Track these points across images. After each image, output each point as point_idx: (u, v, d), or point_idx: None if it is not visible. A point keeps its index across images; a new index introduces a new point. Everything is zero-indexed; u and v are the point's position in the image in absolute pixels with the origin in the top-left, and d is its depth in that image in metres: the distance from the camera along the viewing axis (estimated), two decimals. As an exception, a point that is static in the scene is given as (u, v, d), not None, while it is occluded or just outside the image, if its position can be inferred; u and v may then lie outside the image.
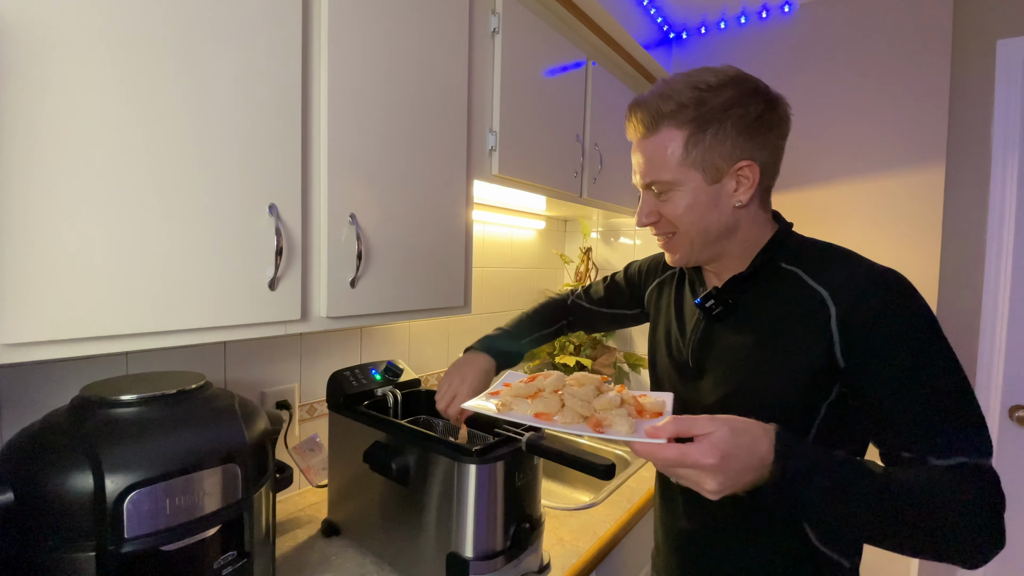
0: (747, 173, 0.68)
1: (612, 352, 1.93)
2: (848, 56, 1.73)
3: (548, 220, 2.12)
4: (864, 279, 0.63)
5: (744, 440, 0.52)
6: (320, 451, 1.22)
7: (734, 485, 0.52)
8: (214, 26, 0.70)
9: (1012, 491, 1.60)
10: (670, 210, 0.71)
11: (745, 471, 0.52)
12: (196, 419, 0.66)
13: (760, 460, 0.53)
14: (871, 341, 0.60)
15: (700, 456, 0.50)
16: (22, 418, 0.81)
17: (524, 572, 0.88)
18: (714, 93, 0.66)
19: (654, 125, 0.69)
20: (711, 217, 0.70)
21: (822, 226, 1.78)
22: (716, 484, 0.51)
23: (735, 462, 0.51)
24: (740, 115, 0.66)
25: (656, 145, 0.69)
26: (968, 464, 0.56)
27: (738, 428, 0.53)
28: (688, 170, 0.68)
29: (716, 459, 0.50)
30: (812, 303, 0.65)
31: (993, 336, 1.60)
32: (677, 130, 0.67)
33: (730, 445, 0.51)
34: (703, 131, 0.66)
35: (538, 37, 1.35)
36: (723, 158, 0.67)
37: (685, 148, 0.67)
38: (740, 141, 0.67)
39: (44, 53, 0.56)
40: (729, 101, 0.66)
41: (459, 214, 1.14)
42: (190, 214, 0.69)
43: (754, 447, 0.53)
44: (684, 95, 0.67)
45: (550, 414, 0.60)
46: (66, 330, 0.59)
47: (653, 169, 0.70)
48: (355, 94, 0.89)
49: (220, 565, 0.65)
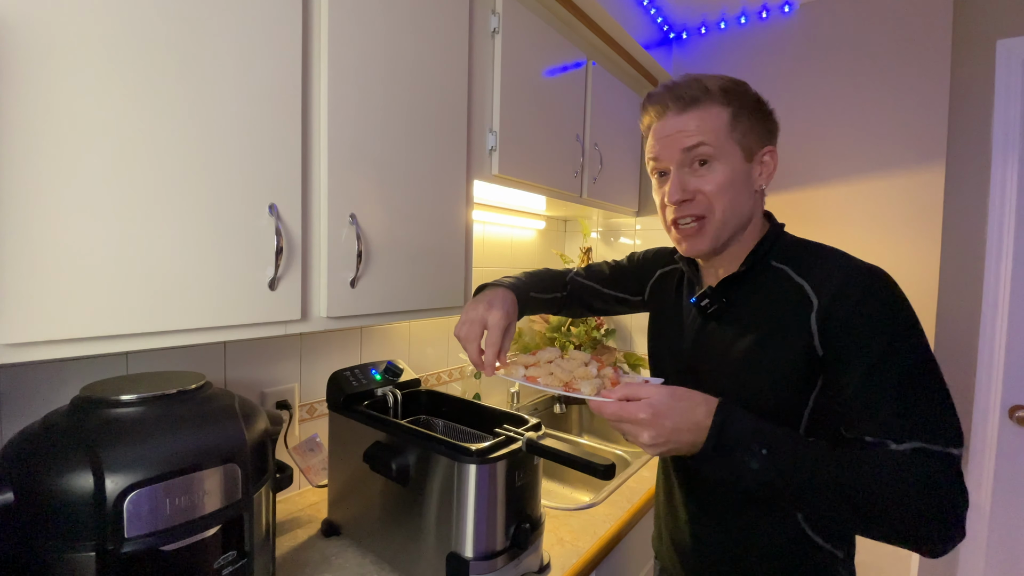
0: (769, 160, 0.74)
1: (612, 352, 1.93)
2: (848, 56, 1.73)
3: (548, 220, 2.12)
4: (845, 274, 0.66)
5: (681, 403, 0.61)
6: (320, 451, 1.22)
7: (668, 441, 0.60)
8: (214, 26, 0.70)
9: (1012, 491, 1.60)
10: (711, 184, 0.71)
11: (679, 431, 0.60)
12: (196, 419, 0.66)
13: (695, 424, 0.60)
14: (846, 331, 0.64)
15: (636, 411, 0.60)
16: (22, 418, 0.81)
17: (524, 572, 0.88)
18: (740, 86, 0.73)
19: (696, 101, 0.72)
20: (742, 198, 0.73)
21: (822, 226, 1.78)
22: (648, 437, 0.60)
23: (667, 420, 0.59)
24: (762, 109, 0.74)
25: (702, 117, 0.71)
26: (924, 449, 0.58)
27: (677, 393, 0.61)
28: (732, 144, 0.71)
29: (648, 415, 0.59)
30: (797, 298, 0.69)
31: (993, 336, 1.60)
32: (723, 107, 0.71)
33: (664, 405, 0.60)
34: (742, 112, 0.72)
35: (538, 37, 1.35)
36: (755, 142, 0.73)
37: (731, 123, 0.71)
38: (764, 130, 0.74)
39: (44, 53, 0.56)
40: (754, 95, 0.74)
41: (459, 214, 1.14)
42: (190, 214, 0.69)
43: (690, 411, 0.60)
44: (720, 82, 0.72)
45: (536, 377, 0.73)
46: (66, 330, 0.59)
47: (703, 134, 0.71)
48: (355, 94, 0.89)
49: (220, 565, 0.65)
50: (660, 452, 0.61)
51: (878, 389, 0.61)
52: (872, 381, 0.61)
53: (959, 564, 1.66)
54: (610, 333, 2.03)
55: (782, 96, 1.82)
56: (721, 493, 0.78)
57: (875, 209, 1.70)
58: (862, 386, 0.62)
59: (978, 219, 1.62)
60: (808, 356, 0.66)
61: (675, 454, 0.62)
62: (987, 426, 1.61)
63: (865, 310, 0.63)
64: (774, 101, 0.77)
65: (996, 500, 1.62)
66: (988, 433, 1.61)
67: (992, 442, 1.61)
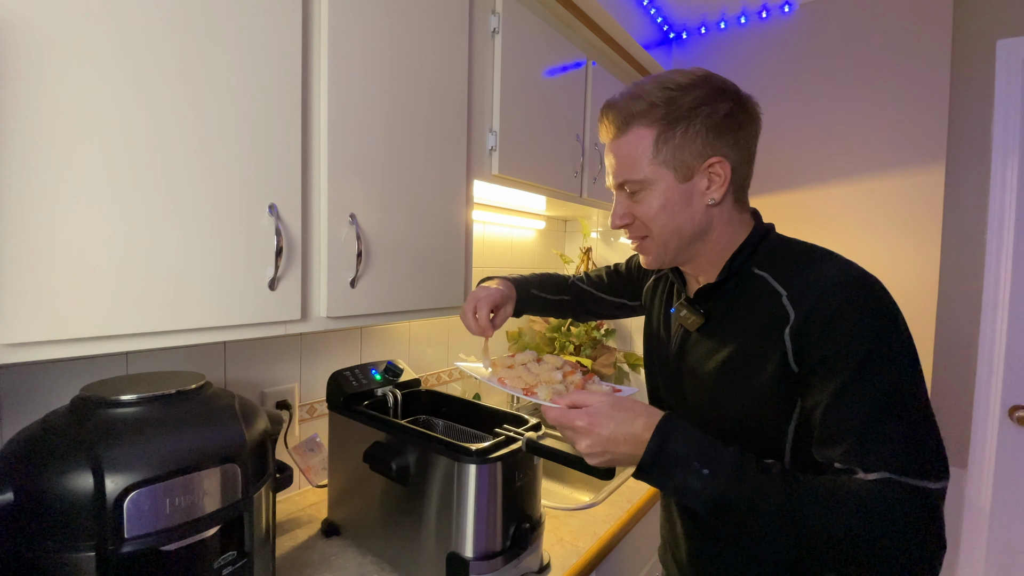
0: (718, 170, 0.68)
1: (612, 352, 1.93)
2: (848, 56, 1.73)
3: (548, 220, 2.12)
4: (825, 285, 0.61)
5: (620, 414, 0.60)
6: (320, 451, 1.22)
7: (605, 452, 0.60)
8: (215, 26, 0.70)
9: (1012, 491, 1.60)
10: (643, 211, 0.70)
11: (615, 441, 0.59)
12: (196, 419, 0.66)
13: (632, 435, 0.59)
14: (819, 346, 0.59)
15: (573, 418, 0.61)
16: (22, 418, 0.81)
17: (524, 572, 0.88)
18: (683, 92, 0.67)
19: (625, 125, 0.69)
20: (684, 217, 0.69)
21: (822, 226, 1.78)
22: (584, 445, 0.60)
23: (603, 429, 0.59)
24: (709, 113, 0.66)
25: (627, 144, 0.69)
26: (892, 481, 0.52)
27: (619, 403, 0.61)
28: (659, 168, 0.68)
29: (585, 423, 0.60)
30: (774, 311, 0.64)
31: (993, 336, 1.60)
32: (647, 129, 0.68)
33: (602, 415, 0.60)
34: (672, 129, 0.67)
35: (538, 37, 1.35)
36: (693, 156, 0.67)
37: (655, 146, 0.67)
38: (710, 139, 0.67)
39: (45, 52, 0.56)
40: (698, 99, 0.66)
41: (459, 214, 1.14)
42: (190, 214, 0.69)
43: (628, 422, 0.60)
44: (654, 95, 0.67)
45: (504, 379, 0.77)
46: (66, 330, 0.59)
47: (625, 168, 0.70)
48: (355, 94, 0.89)
49: (220, 565, 0.65)
50: (598, 462, 0.62)
51: (848, 411, 0.56)
52: (842, 402, 0.56)
53: (959, 564, 1.66)
54: (610, 333, 2.03)
55: (782, 96, 1.82)
56: None
57: (875, 209, 1.70)
58: (832, 407, 0.57)
59: (978, 219, 1.62)
60: (784, 372, 0.62)
61: (615, 465, 0.63)
62: (987, 426, 1.61)
63: (839, 324, 0.58)
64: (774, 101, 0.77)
65: (996, 500, 1.62)
66: (988, 433, 1.61)
67: (992, 442, 1.61)
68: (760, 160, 0.76)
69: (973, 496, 1.63)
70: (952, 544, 1.67)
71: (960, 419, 1.65)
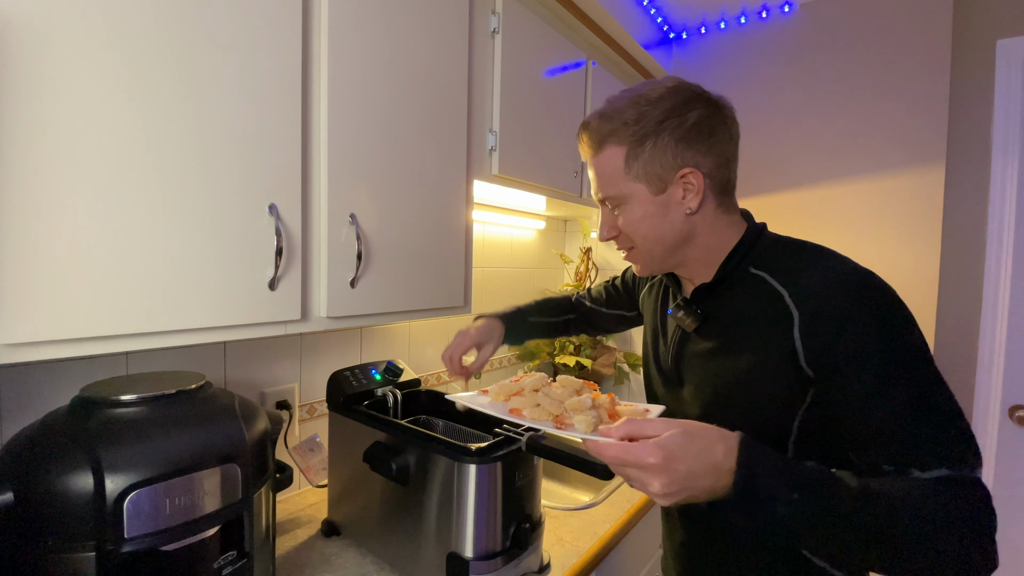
0: (691, 180, 0.68)
1: (612, 352, 1.93)
2: (848, 56, 1.73)
3: (548, 220, 2.12)
4: (828, 283, 0.61)
5: (696, 444, 0.51)
6: (320, 451, 1.22)
7: (683, 490, 0.50)
8: (215, 26, 0.70)
9: (1012, 491, 1.60)
10: (625, 223, 0.73)
11: (696, 476, 0.50)
12: (196, 419, 0.65)
13: (713, 466, 0.50)
14: (836, 350, 0.58)
15: (643, 454, 0.49)
16: (22, 418, 0.81)
17: (524, 572, 0.88)
18: (652, 106, 0.68)
19: (598, 145, 0.72)
20: (664, 227, 0.71)
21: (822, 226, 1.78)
22: (660, 485, 0.49)
23: (681, 464, 0.49)
24: (676, 125, 0.67)
25: (602, 163, 0.72)
26: (953, 477, 0.53)
27: (691, 431, 0.51)
28: (632, 183, 0.70)
29: (659, 459, 0.49)
30: (777, 310, 0.64)
31: (993, 336, 1.60)
32: (618, 147, 0.69)
33: (677, 446, 0.50)
34: (641, 145, 0.68)
35: (538, 37, 1.35)
36: (664, 168, 0.68)
37: (626, 163, 0.69)
38: (680, 150, 0.67)
39: (44, 51, 0.56)
40: (665, 112, 0.67)
41: (459, 214, 1.14)
42: (190, 214, 0.69)
43: (706, 451, 0.51)
44: (625, 113, 0.69)
45: (521, 409, 0.66)
46: (66, 330, 0.59)
47: (602, 185, 0.73)
48: (355, 94, 0.89)
49: (220, 565, 0.65)
50: (673, 502, 0.51)
51: (887, 413, 0.55)
52: (877, 405, 0.56)
53: (959, 564, 1.66)
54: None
55: (782, 95, 1.82)
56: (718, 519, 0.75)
57: (875, 209, 1.70)
58: (867, 411, 0.56)
59: (978, 219, 1.62)
60: (795, 373, 0.62)
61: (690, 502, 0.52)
62: (987, 426, 1.61)
63: (855, 326, 0.57)
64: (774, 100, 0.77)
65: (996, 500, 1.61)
66: (988, 433, 1.61)
67: (992, 442, 1.61)
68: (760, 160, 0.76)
69: (973, 496, 1.63)
70: (952, 544, 1.67)
71: (960, 419, 1.65)
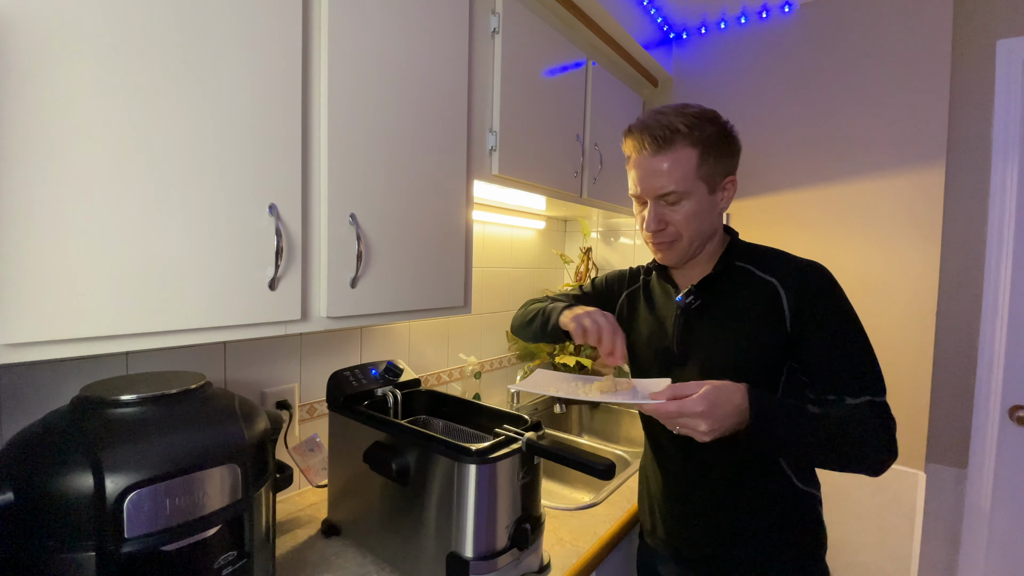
0: (730, 187, 0.88)
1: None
2: (848, 56, 1.73)
3: (548, 220, 2.12)
4: (800, 269, 0.85)
5: (723, 394, 0.71)
6: (320, 451, 1.22)
7: (720, 428, 0.70)
8: (215, 26, 0.70)
9: (1012, 491, 1.60)
10: (679, 217, 0.85)
11: (727, 416, 0.71)
12: (196, 419, 0.65)
13: (736, 408, 0.71)
14: (810, 314, 0.81)
15: (694, 406, 0.69)
16: (22, 418, 0.81)
17: (524, 572, 0.88)
18: (707, 123, 0.83)
19: (667, 143, 0.82)
20: (708, 223, 0.87)
21: (822, 227, 1.78)
22: (707, 426, 0.69)
23: (719, 409, 0.70)
24: (726, 142, 0.85)
25: (673, 160, 0.82)
26: (873, 401, 0.78)
27: (718, 386, 0.72)
28: (698, 182, 0.83)
29: (705, 407, 0.69)
30: (767, 291, 0.85)
31: (993, 336, 1.60)
32: (692, 148, 0.82)
33: (714, 396, 0.70)
34: (709, 151, 0.82)
35: (538, 37, 1.35)
36: (719, 173, 0.85)
37: (699, 163, 0.82)
38: (727, 161, 0.86)
39: (45, 52, 0.56)
40: (718, 130, 0.84)
41: (459, 214, 1.14)
42: (190, 214, 0.69)
43: (731, 397, 0.72)
44: (690, 120, 0.81)
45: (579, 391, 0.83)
46: (66, 330, 0.59)
47: (672, 181, 0.82)
48: (355, 94, 0.89)
49: (220, 565, 0.65)
50: (712, 437, 0.71)
51: (834, 358, 0.79)
52: (830, 352, 0.80)
53: (959, 564, 1.66)
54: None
55: (782, 96, 1.82)
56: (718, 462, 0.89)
57: (875, 209, 1.70)
58: (822, 356, 0.80)
59: (978, 220, 1.61)
60: (782, 336, 0.82)
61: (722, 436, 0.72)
62: (987, 426, 1.61)
63: (821, 298, 0.81)
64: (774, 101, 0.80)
65: (996, 500, 1.62)
66: (988, 433, 1.61)
67: (992, 442, 1.61)
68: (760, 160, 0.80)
69: (973, 496, 1.63)
70: (952, 544, 1.67)
71: (960, 419, 1.65)
